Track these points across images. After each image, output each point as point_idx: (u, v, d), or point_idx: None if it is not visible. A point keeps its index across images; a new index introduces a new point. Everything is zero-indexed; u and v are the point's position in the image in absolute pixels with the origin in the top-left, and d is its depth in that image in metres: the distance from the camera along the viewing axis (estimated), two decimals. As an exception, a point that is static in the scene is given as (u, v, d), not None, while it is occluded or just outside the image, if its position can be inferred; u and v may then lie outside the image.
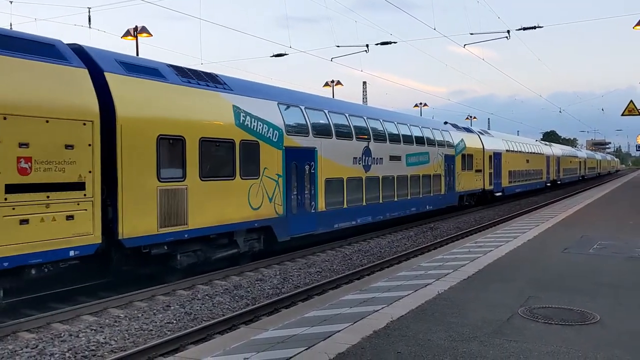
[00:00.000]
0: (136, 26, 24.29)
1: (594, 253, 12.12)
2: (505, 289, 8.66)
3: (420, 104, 56.31)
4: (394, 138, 21.42)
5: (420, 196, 23.24)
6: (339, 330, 6.57)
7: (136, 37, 24.18)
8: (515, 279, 9.42)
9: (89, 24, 23.58)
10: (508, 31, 22.78)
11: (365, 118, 20.12)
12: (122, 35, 24.30)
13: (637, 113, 27.84)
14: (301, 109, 16.24)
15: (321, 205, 16.44)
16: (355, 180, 18.40)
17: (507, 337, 6.31)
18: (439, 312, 7.33)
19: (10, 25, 26.58)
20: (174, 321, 9.57)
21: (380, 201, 20.02)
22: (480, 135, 32.88)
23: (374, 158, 19.65)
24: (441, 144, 25.83)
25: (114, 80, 10.69)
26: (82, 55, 10.51)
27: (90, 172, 9.79)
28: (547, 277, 9.57)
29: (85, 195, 9.69)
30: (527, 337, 6.29)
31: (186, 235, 11.74)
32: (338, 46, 26.33)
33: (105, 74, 10.61)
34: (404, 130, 22.46)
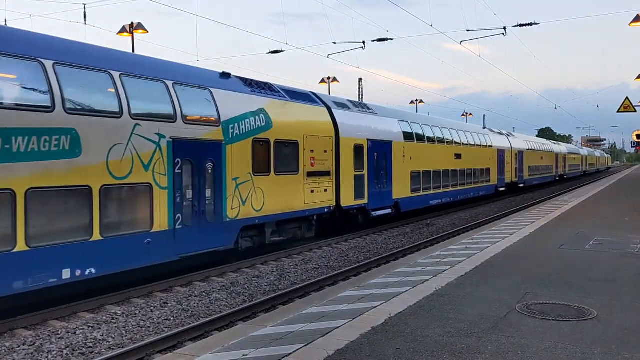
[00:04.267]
0: (132, 22, 24.18)
1: (590, 249, 12.17)
2: (502, 285, 8.69)
3: (416, 100, 56.24)
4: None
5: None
6: (338, 327, 6.58)
7: (132, 33, 24.08)
8: (512, 275, 9.46)
9: (85, 20, 23.50)
10: (504, 28, 22.80)
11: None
12: (118, 31, 24.19)
13: (633, 110, 27.94)
14: None
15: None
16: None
17: (505, 333, 6.33)
18: (437, 309, 7.35)
19: (5, 21, 26.43)
20: (172, 318, 9.58)
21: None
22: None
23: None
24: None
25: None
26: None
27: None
28: (544, 273, 9.60)
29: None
30: (524, 333, 6.32)
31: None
32: (334, 43, 26.26)
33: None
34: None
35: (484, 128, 37.27)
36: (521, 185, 40.45)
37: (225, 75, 14.28)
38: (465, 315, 7.03)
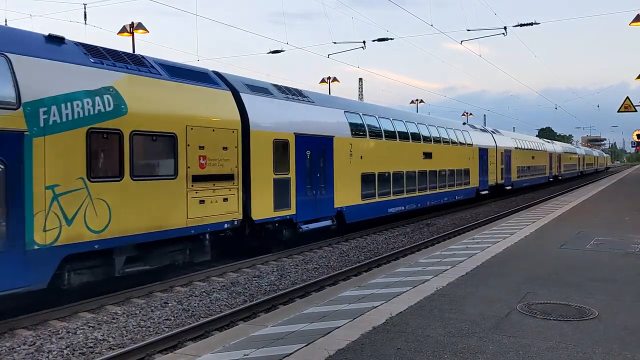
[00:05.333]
0: (132, 22, 24.19)
1: (591, 249, 12.15)
2: (503, 285, 8.68)
3: (417, 100, 56.23)
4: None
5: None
6: (338, 327, 6.57)
7: (132, 33, 24.08)
8: (513, 274, 9.45)
9: (85, 20, 23.53)
10: (505, 27, 22.80)
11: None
12: (118, 31, 24.20)
13: (633, 109, 27.94)
14: None
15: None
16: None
17: (506, 332, 6.32)
18: (438, 308, 7.34)
19: (6, 21, 26.43)
20: (172, 318, 9.57)
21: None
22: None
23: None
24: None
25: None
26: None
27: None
28: (545, 273, 9.59)
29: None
30: (526, 333, 6.31)
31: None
32: (335, 42, 26.23)
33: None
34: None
35: (464, 124, 32.96)
36: (508, 187, 37.30)
37: (55, 40, 10.22)
38: (467, 315, 7.02)
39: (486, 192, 32.33)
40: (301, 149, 15.77)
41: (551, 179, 52.37)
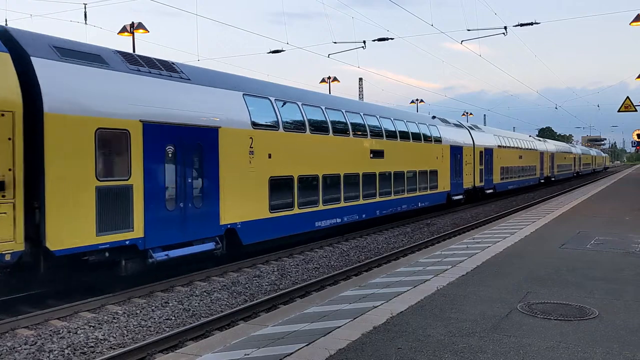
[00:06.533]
0: (132, 22, 24.20)
1: (591, 249, 12.16)
2: (503, 285, 8.69)
3: (417, 100, 56.26)
4: None
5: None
6: (339, 326, 6.58)
7: (132, 33, 24.09)
8: (514, 274, 9.45)
9: (85, 20, 23.54)
10: (505, 27, 22.81)
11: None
12: (118, 31, 24.21)
13: (633, 109, 27.95)
14: None
15: None
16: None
17: (506, 332, 6.33)
18: (438, 308, 7.35)
19: (6, 21, 26.47)
20: (173, 317, 9.58)
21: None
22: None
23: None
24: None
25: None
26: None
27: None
28: (545, 272, 9.60)
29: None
30: (526, 333, 6.31)
31: None
32: (335, 42, 26.24)
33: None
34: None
35: (434, 117, 28.03)
36: (489, 191, 33.10)
37: None
38: (467, 314, 7.03)
39: (460, 197, 28.12)
40: (155, 144, 11.39)
41: (542, 181, 48.68)
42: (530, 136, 51.10)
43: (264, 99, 14.97)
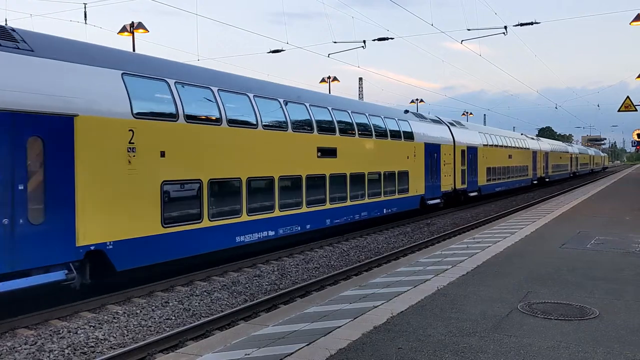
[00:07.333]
0: (132, 22, 24.20)
1: (591, 248, 12.16)
2: (504, 285, 8.69)
3: (417, 99, 56.23)
4: None
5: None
6: (339, 326, 6.57)
7: (132, 33, 24.09)
8: (514, 274, 9.45)
9: (85, 20, 23.54)
10: (505, 27, 22.81)
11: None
12: (118, 31, 24.21)
13: (633, 109, 27.96)
14: None
15: None
16: None
17: (507, 332, 6.33)
18: (439, 308, 7.35)
19: (6, 21, 26.47)
20: (173, 317, 9.58)
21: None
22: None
23: None
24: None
25: None
26: None
27: None
28: (546, 272, 9.60)
29: None
30: (527, 332, 6.31)
31: None
32: (335, 42, 26.24)
33: None
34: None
35: (406, 112, 24.94)
36: (473, 194, 30.40)
37: None
38: (467, 314, 7.02)
39: (437, 201, 25.21)
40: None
41: (535, 182, 45.96)
42: (522, 134, 48.28)
43: (157, 80, 11.71)
